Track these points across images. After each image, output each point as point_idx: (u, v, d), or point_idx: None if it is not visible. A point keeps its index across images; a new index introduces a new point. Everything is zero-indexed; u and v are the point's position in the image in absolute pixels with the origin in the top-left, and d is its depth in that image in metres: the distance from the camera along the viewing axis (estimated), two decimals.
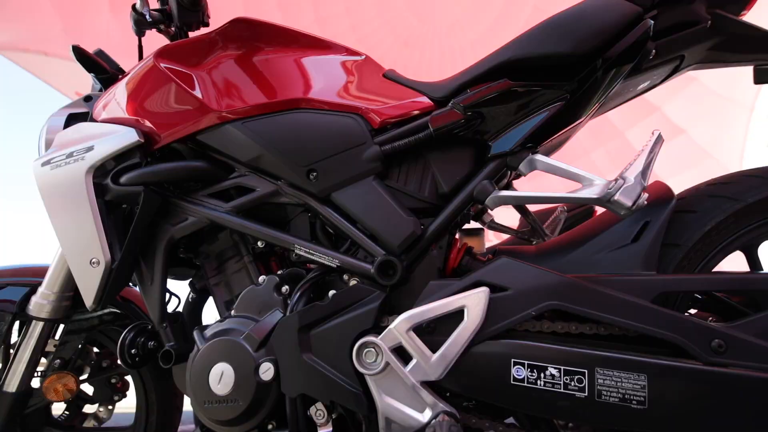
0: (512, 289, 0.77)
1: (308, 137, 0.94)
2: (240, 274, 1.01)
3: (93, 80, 1.20)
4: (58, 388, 1.11)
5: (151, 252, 0.99)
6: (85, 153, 0.95)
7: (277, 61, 1.02)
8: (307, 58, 1.04)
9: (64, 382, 1.11)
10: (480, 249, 1.06)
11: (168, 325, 0.98)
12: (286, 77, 1.00)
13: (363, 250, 0.91)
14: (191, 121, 0.96)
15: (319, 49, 1.06)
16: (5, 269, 1.15)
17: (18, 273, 1.14)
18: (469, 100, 0.89)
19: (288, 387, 0.79)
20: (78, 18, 4.06)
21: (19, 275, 1.13)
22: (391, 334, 0.76)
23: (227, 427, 0.81)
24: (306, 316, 0.81)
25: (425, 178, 0.95)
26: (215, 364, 0.82)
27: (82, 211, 0.94)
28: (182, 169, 0.97)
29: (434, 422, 0.68)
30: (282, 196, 0.96)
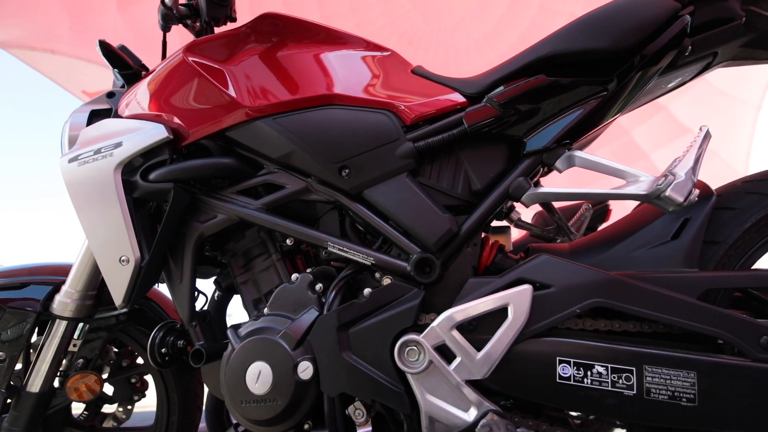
0: (555, 286, 0.76)
1: (340, 134, 0.93)
2: (268, 272, 1.00)
3: (115, 76, 1.19)
4: (82, 388, 1.09)
5: (179, 250, 0.97)
6: (114, 149, 0.94)
7: (306, 57, 1.00)
8: (336, 54, 1.02)
9: (88, 381, 1.10)
10: (508, 247, 1.05)
11: (197, 323, 0.96)
12: (316, 73, 0.99)
13: (396, 248, 0.90)
14: (221, 117, 0.94)
15: (346, 44, 1.05)
16: (27, 267, 1.14)
17: (40, 271, 1.12)
18: (504, 96, 0.88)
19: (328, 386, 0.77)
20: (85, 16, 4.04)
21: (41, 273, 1.11)
22: (433, 332, 0.75)
23: (264, 426, 0.80)
24: (344, 315, 0.80)
25: (457, 174, 0.94)
26: (252, 363, 0.80)
27: (111, 208, 0.92)
28: (212, 166, 0.96)
29: (489, 421, 0.67)
30: (312, 193, 0.95)
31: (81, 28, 4.02)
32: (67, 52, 4.28)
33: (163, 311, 1.25)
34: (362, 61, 1.03)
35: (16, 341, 1.05)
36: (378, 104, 0.94)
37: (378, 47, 1.07)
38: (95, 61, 4.34)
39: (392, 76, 1.02)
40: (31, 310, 1.05)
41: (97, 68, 4.36)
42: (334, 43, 1.04)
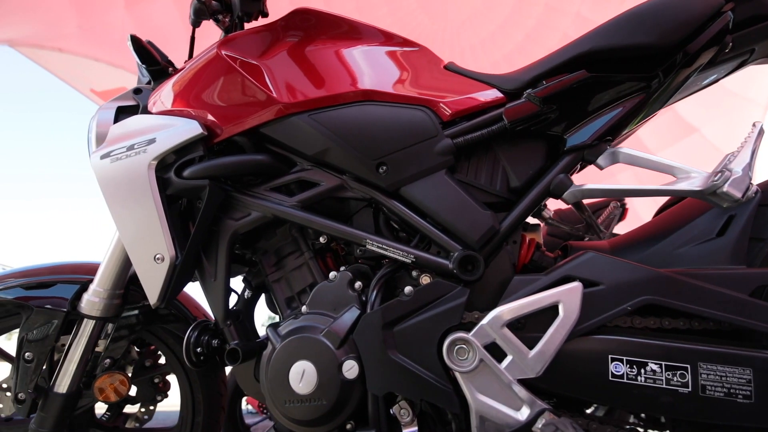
0: (604, 284, 0.75)
1: (377, 130, 0.91)
2: (301, 271, 0.98)
3: (140, 73, 1.17)
4: (109, 388, 1.08)
5: (212, 248, 0.96)
6: (147, 146, 0.92)
7: (340, 52, 0.99)
8: (369, 49, 1.01)
9: (115, 381, 1.08)
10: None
11: (231, 322, 0.95)
12: (351, 69, 0.98)
13: (436, 246, 0.89)
14: (256, 113, 0.93)
15: (379, 39, 1.04)
16: (52, 266, 1.12)
17: (66, 270, 1.10)
18: (545, 92, 0.88)
19: (374, 385, 0.76)
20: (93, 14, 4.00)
21: (67, 272, 1.10)
22: (483, 330, 0.74)
23: (308, 427, 0.79)
24: (389, 313, 0.79)
25: (495, 171, 0.93)
26: (295, 362, 0.79)
27: (145, 205, 0.91)
28: (247, 163, 0.95)
29: (552, 420, 0.67)
30: (346, 190, 0.94)
31: (89, 27, 3.99)
32: (75, 51, 4.24)
33: (186, 309, 1.24)
34: (396, 56, 1.02)
35: (44, 341, 1.03)
36: (415, 100, 0.93)
37: (410, 42, 1.06)
38: (103, 60, 4.32)
39: (427, 72, 1.01)
40: (59, 309, 1.03)
41: (105, 67, 4.34)
42: (367, 39, 1.03)
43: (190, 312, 1.24)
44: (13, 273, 1.11)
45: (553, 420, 0.66)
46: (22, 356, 1.02)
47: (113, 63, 4.27)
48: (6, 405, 1.17)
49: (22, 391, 1.03)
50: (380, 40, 1.04)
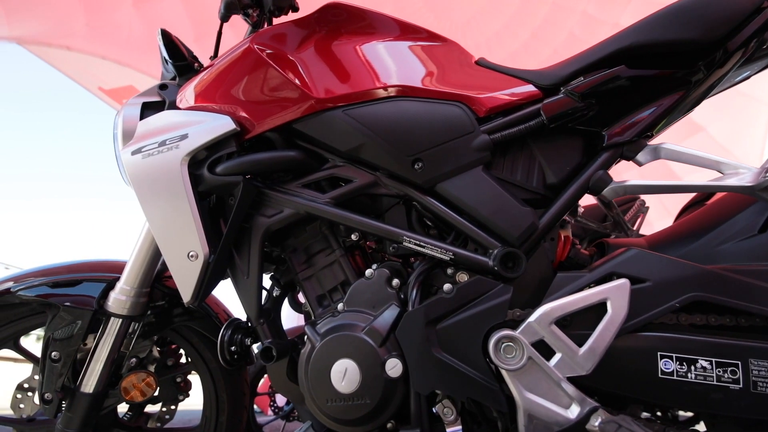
0: (651, 280, 0.75)
1: (413, 126, 0.90)
2: (332, 268, 0.97)
3: (164, 68, 1.16)
4: (137, 388, 1.06)
5: (245, 245, 0.94)
6: (179, 141, 0.91)
7: (373, 47, 0.98)
8: (402, 44, 1.00)
9: (143, 381, 1.07)
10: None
11: (264, 321, 0.94)
12: (385, 64, 0.97)
13: (473, 242, 0.88)
14: (289, 108, 0.92)
15: (411, 34, 1.03)
16: (76, 264, 1.10)
17: (91, 268, 1.09)
18: (584, 87, 0.87)
19: (419, 384, 0.75)
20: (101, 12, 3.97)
21: (92, 270, 1.08)
22: (530, 328, 0.73)
23: (351, 426, 0.78)
24: (432, 310, 0.78)
25: (531, 167, 0.92)
26: (337, 361, 0.78)
27: (178, 202, 0.90)
28: (280, 159, 0.93)
29: (614, 417, 0.66)
30: (380, 187, 0.93)
31: (97, 25, 3.95)
32: (82, 49, 4.20)
33: (209, 307, 1.22)
34: (428, 51, 1.01)
35: (71, 340, 1.01)
36: (450, 96, 0.92)
37: (440, 37, 1.05)
38: (110, 58, 4.28)
39: (459, 67, 1.00)
40: (86, 308, 1.01)
41: (113, 65, 4.30)
42: (399, 33, 1.02)
43: (212, 309, 1.23)
44: (36, 271, 1.09)
45: (613, 418, 0.66)
46: (48, 356, 1.01)
47: (120, 61, 4.24)
48: (27, 405, 1.15)
49: (49, 391, 1.01)
50: (411, 34, 1.03)
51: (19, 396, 1.14)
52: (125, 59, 4.24)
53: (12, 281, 1.06)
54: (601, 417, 0.67)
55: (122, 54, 4.19)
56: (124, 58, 4.23)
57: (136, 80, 4.55)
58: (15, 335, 1.08)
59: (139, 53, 4.14)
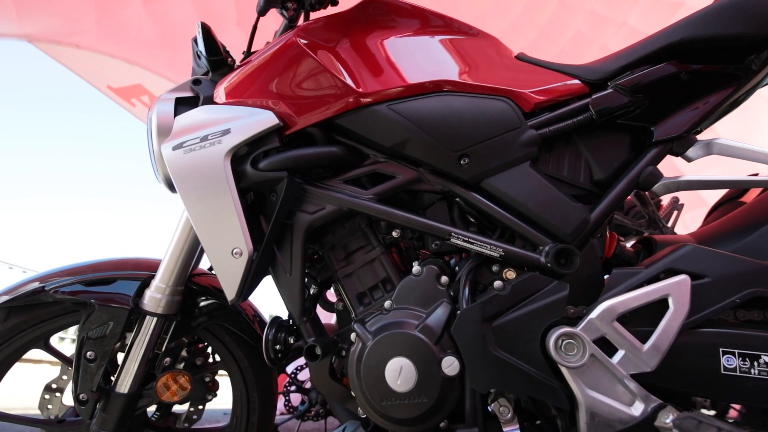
0: (710, 276, 0.74)
1: (459, 121, 0.89)
2: (372, 266, 0.96)
3: (195, 63, 1.14)
4: (173, 387, 1.04)
5: (287, 242, 0.93)
6: (222, 136, 0.89)
7: (415, 41, 0.97)
8: (444, 38, 0.99)
9: (179, 380, 1.05)
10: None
11: (307, 319, 0.92)
12: (428, 58, 0.96)
13: (521, 239, 0.87)
14: (333, 103, 0.90)
15: (451, 28, 1.02)
16: (108, 261, 1.08)
17: (125, 265, 1.07)
18: (632, 83, 0.87)
19: (477, 382, 0.74)
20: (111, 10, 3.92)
21: (126, 268, 1.06)
22: (591, 325, 0.72)
23: (407, 426, 0.76)
24: (488, 308, 0.77)
25: (578, 163, 0.92)
26: (391, 359, 0.77)
27: (221, 198, 0.88)
28: (323, 155, 0.92)
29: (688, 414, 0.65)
30: (423, 183, 0.92)
31: (107, 23, 3.91)
32: (92, 47, 4.16)
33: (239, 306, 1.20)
34: (470, 45, 1.00)
35: (107, 339, 0.99)
36: (495, 91, 0.91)
37: (481, 32, 1.04)
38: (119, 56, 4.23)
39: (502, 62, 0.99)
40: (122, 306, 0.99)
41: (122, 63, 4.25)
42: (440, 27, 1.01)
43: (242, 308, 1.21)
44: (65, 270, 1.06)
45: (690, 414, 0.65)
46: (83, 355, 0.99)
47: (129, 60, 4.20)
48: (55, 406, 1.13)
49: (84, 392, 0.99)
50: (452, 29, 1.02)
51: (47, 397, 1.12)
52: (134, 58, 4.20)
53: (38, 281, 1.04)
54: (672, 414, 0.66)
55: (131, 52, 4.14)
56: (133, 56, 4.18)
57: (144, 79, 4.51)
58: (46, 335, 1.06)
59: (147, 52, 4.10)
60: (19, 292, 1.02)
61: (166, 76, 4.27)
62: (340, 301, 1.02)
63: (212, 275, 1.21)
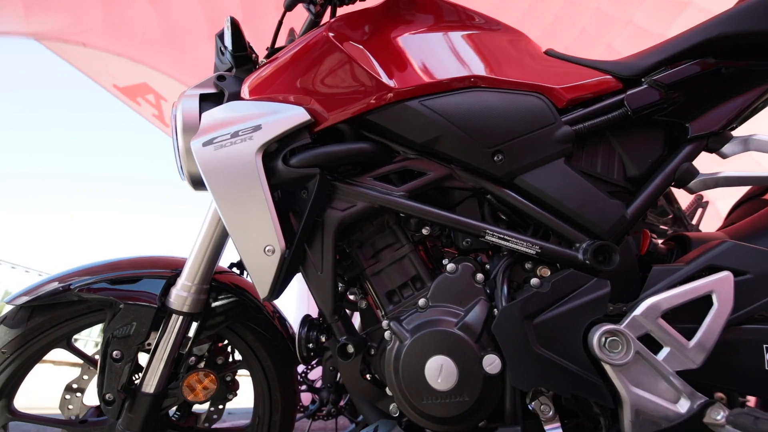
0: (752, 273, 0.74)
1: (493, 117, 0.89)
2: (402, 263, 0.95)
3: (218, 59, 1.12)
4: (199, 387, 1.03)
5: (317, 239, 0.92)
6: (253, 132, 0.88)
7: (446, 37, 0.96)
8: (474, 33, 0.98)
9: (204, 380, 1.04)
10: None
11: (339, 317, 0.91)
12: (459, 53, 0.95)
13: (556, 236, 0.86)
14: (365, 99, 0.89)
15: (481, 23, 1.01)
16: (133, 260, 1.06)
17: (149, 263, 1.05)
18: (668, 78, 0.86)
19: (520, 380, 0.74)
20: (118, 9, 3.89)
21: (150, 266, 1.04)
22: (636, 322, 0.72)
23: (448, 425, 0.75)
24: (529, 305, 0.76)
25: (611, 160, 0.91)
26: (431, 357, 0.76)
27: (253, 195, 0.87)
28: (354, 151, 0.91)
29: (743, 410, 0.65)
30: (454, 179, 0.91)
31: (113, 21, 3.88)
32: (98, 45, 4.13)
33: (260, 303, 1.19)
34: (501, 41, 0.99)
35: (134, 338, 0.98)
36: (528, 87, 0.91)
37: (510, 28, 1.03)
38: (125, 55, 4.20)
39: (532, 58, 0.98)
40: (150, 305, 0.98)
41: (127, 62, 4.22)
42: (470, 23, 1.00)
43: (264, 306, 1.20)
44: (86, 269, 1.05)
45: (743, 410, 0.65)
46: (109, 355, 0.97)
47: (135, 58, 4.17)
48: (76, 406, 1.12)
49: (110, 392, 0.98)
50: (482, 24, 1.01)
51: (67, 397, 1.11)
52: (140, 56, 4.17)
53: (57, 281, 1.02)
54: (722, 410, 0.66)
55: (137, 51, 4.11)
56: (139, 55, 4.15)
57: (149, 78, 4.47)
58: (68, 334, 1.04)
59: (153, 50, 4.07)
60: (41, 292, 1.00)
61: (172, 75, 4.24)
62: (363, 300, 1.01)
63: (233, 273, 1.20)
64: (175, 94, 5.03)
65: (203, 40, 3.79)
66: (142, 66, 4.25)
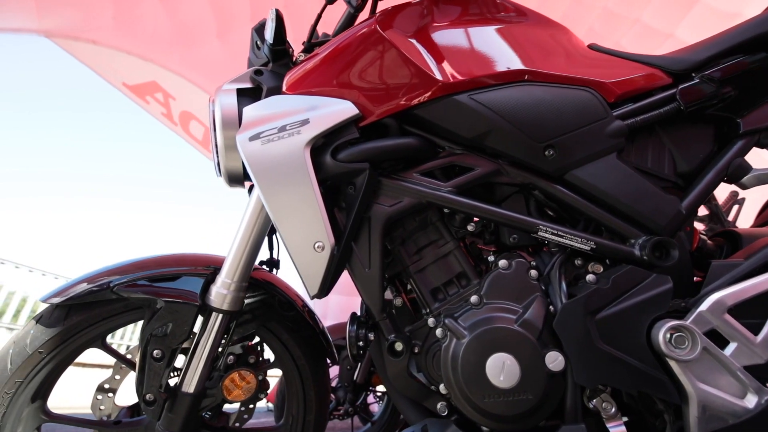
0: None
1: (544, 112, 0.88)
2: (447, 260, 0.94)
3: (254, 53, 1.10)
4: (239, 386, 1.01)
5: (364, 236, 0.90)
6: (301, 127, 0.86)
7: (493, 30, 0.95)
8: (521, 27, 0.97)
9: (244, 379, 1.02)
10: None
11: (387, 315, 0.90)
12: (507, 47, 0.93)
13: (609, 231, 0.86)
14: (414, 93, 0.88)
15: (527, 18, 1.00)
16: (170, 257, 1.04)
17: (187, 261, 1.03)
18: (722, 73, 0.86)
19: (584, 377, 0.73)
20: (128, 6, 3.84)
21: (188, 264, 1.02)
22: (702, 317, 0.71)
23: (511, 423, 0.74)
24: (591, 301, 0.75)
25: (662, 155, 0.91)
26: (492, 355, 0.75)
27: (302, 190, 0.85)
28: (402, 146, 0.89)
29: None
30: (502, 175, 0.90)
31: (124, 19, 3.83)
32: (108, 43, 4.07)
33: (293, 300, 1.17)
34: (547, 35, 0.98)
35: (174, 337, 0.96)
36: (578, 81, 0.90)
37: (553, 22, 1.02)
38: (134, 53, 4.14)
39: (578, 52, 0.97)
40: (191, 303, 0.96)
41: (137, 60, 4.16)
42: (516, 16, 0.99)
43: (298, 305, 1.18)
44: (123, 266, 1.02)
45: None
46: (149, 354, 0.95)
47: (144, 56, 4.11)
48: (107, 406, 1.09)
49: (151, 392, 0.95)
50: (527, 18, 1.00)
51: (99, 397, 1.09)
52: (149, 54, 4.11)
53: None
54: None
55: (147, 49, 4.06)
56: (149, 53, 4.10)
57: (159, 76, 4.41)
58: (103, 334, 1.02)
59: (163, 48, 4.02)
60: (76, 291, 0.97)
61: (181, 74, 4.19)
62: (398, 297, 1.00)
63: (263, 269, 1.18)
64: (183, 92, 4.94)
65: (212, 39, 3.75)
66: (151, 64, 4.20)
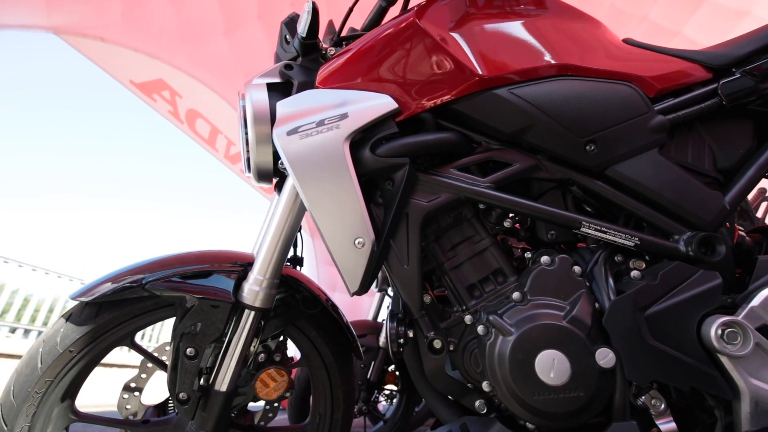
0: None
1: (585, 106, 0.87)
2: (483, 257, 0.93)
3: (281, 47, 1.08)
4: (272, 385, 1.00)
5: (402, 232, 0.89)
6: (340, 121, 0.85)
7: (531, 24, 0.94)
8: (558, 21, 0.96)
9: (277, 377, 1.01)
10: None
11: (426, 313, 0.89)
12: (546, 41, 0.92)
13: (651, 227, 0.85)
14: (453, 87, 0.87)
15: (562, 11, 0.99)
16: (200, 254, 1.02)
17: (218, 258, 1.01)
18: (762, 69, 0.85)
19: (635, 374, 0.72)
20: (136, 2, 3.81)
21: (219, 261, 1.01)
22: (754, 313, 0.71)
23: (561, 421, 0.74)
24: (640, 298, 0.75)
25: (702, 150, 0.90)
26: (541, 352, 0.74)
27: (342, 185, 0.84)
28: (442, 141, 0.88)
29: None
30: (540, 170, 0.89)
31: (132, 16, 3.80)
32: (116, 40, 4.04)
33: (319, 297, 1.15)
34: (584, 29, 0.97)
35: (207, 335, 0.94)
36: (618, 75, 0.89)
37: (589, 16, 1.01)
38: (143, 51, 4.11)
39: (615, 47, 0.97)
40: (225, 300, 0.94)
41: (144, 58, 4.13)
42: (553, 11, 0.98)
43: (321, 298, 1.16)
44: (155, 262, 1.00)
45: None
46: (182, 352, 0.94)
47: (152, 54, 4.08)
48: (134, 405, 1.08)
49: (184, 391, 0.94)
50: (563, 12, 0.99)
51: (125, 396, 1.07)
52: (157, 52, 4.08)
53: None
54: None
55: (154, 46, 4.03)
56: (156, 50, 4.07)
57: (166, 74, 4.37)
58: (133, 332, 1.00)
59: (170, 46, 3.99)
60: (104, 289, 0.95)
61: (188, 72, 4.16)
62: (427, 294, 0.99)
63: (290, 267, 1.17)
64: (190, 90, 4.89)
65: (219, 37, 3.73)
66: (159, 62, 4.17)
